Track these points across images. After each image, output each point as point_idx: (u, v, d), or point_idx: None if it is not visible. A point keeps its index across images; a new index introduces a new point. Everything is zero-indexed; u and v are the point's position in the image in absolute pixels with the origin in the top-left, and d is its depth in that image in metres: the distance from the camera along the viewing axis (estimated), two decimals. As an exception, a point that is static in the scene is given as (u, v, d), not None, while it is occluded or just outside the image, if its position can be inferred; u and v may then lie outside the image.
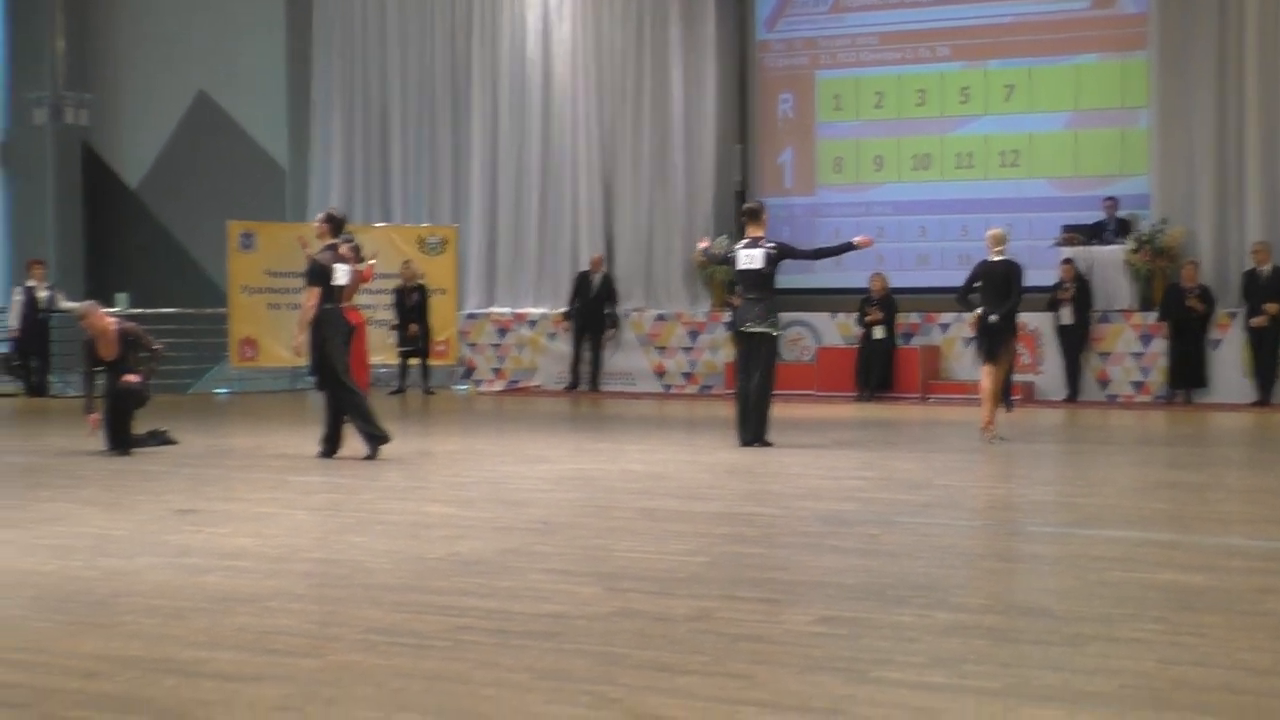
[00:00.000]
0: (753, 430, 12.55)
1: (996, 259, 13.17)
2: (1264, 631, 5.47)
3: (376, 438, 11.51)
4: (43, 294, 20.42)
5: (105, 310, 12.68)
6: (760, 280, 12.56)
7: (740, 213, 14.19)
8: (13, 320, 20.38)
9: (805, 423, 15.19)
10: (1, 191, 24.75)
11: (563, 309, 20.97)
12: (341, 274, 11.72)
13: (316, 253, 11.77)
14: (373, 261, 14.47)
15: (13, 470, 11.46)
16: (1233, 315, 17.70)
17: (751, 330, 12.54)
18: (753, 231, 12.79)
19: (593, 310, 20.67)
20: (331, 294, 11.61)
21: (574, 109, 21.73)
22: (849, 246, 13.13)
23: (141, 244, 24.04)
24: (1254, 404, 17.27)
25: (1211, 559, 7.13)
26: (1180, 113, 18.51)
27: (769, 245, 12.66)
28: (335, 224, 11.93)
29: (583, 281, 20.84)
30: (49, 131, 23.73)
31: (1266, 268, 17.57)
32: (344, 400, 11.61)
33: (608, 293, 20.78)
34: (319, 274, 11.57)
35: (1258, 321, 17.42)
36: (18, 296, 20.54)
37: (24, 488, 10.12)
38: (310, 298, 11.57)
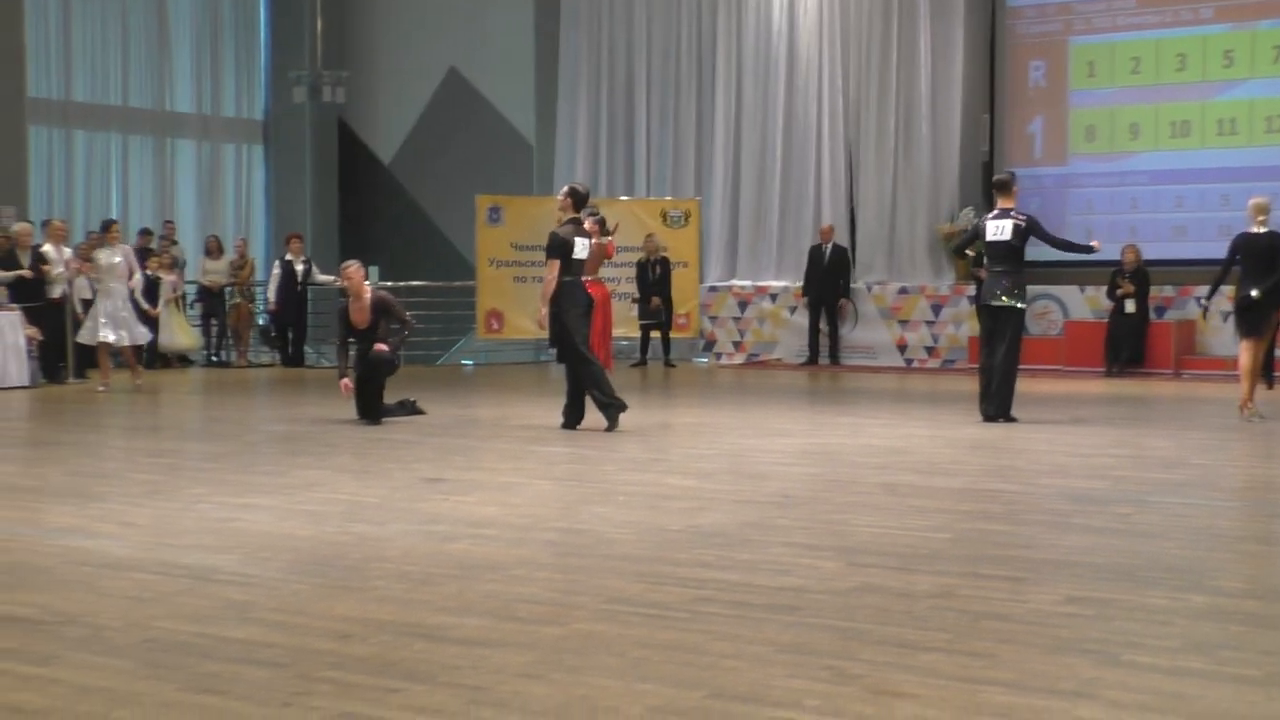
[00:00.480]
0: (996, 405, 12.32)
1: (1259, 230, 12.64)
2: None
3: (613, 406, 11.62)
4: (300, 267, 21.12)
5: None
6: (1009, 252, 12.31)
7: (991, 184, 13.91)
8: (271, 293, 21.15)
9: (1051, 398, 14.83)
10: (263, 168, 25.70)
11: (800, 283, 20.85)
12: (581, 248, 11.83)
13: (558, 226, 11.91)
14: (611, 238, 14.57)
15: (271, 438, 11.89)
16: None
17: (998, 304, 12.30)
18: (1003, 203, 12.53)
19: (826, 283, 20.49)
20: (571, 267, 11.74)
21: (818, 80, 21.56)
22: (1090, 249, 12.75)
23: (394, 218, 24.71)
24: None
25: None
26: None
27: (1019, 218, 12.39)
28: (578, 199, 12.05)
29: (815, 254, 20.68)
30: (308, 109, 24.53)
31: None
32: (580, 371, 11.74)
33: (841, 264, 20.57)
34: (559, 247, 11.71)
35: None
36: (276, 270, 21.29)
37: (281, 455, 10.49)
38: (551, 270, 11.73)
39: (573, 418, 11.89)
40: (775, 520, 7.39)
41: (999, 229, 12.35)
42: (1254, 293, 12.49)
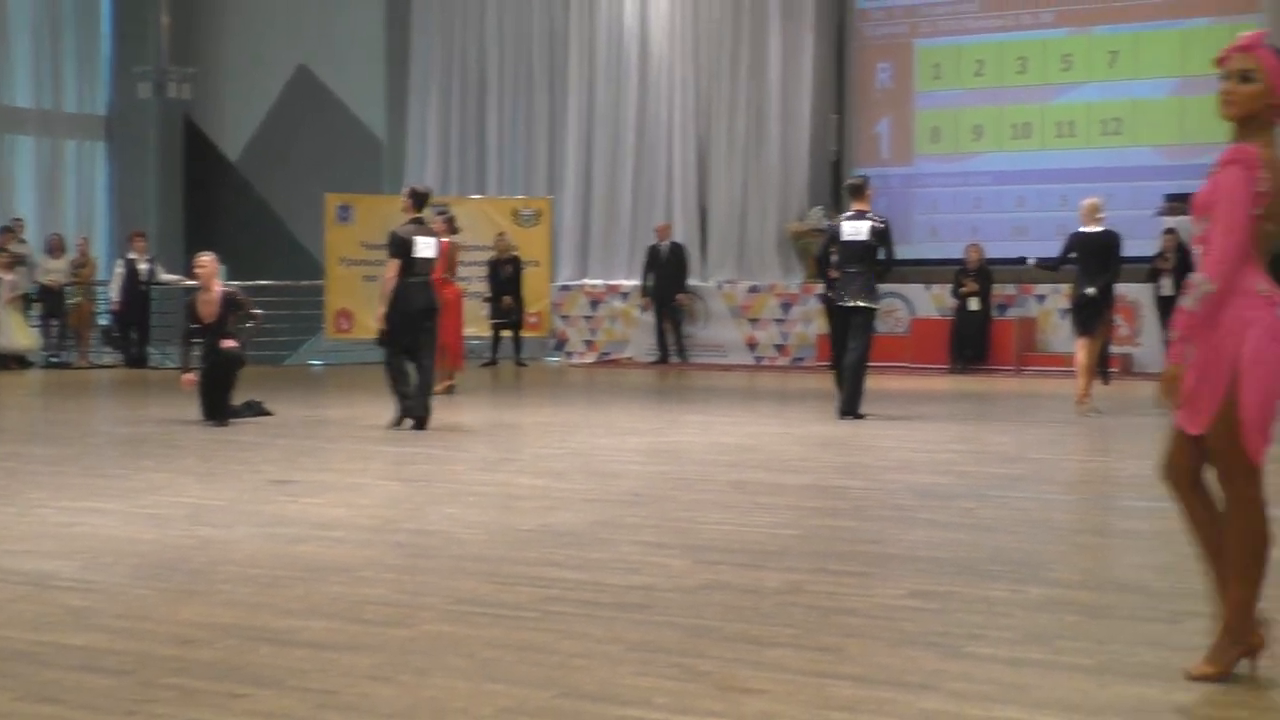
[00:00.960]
0: (846, 403, 12.48)
1: (1093, 229, 12.99)
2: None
3: (409, 409, 11.57)
4: (143, 266, 20.68)
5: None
6: (864, 252, 12.45)
7: (844, 188, 14.10)
8: (114, 292, 20.69)
9: (898, 395, 15.08)
10: (105, 165, 25.12)
11: (639, 283, 20.91)
12: (424, 246, 11.77)
13: (399, 225, 11.84)
14: (453, 238, 14.47)
15: (113, 440, 11.66)
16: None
17: (852, 305, 12.42)
18: (857, 206, 12.69)
19: (666, 281, 20.56)
20: (414, 266, 11.68)
21: (670, 79, 21.67)
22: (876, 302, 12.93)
23: (241, 217, 24.32)
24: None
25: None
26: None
27: (878, 220, 12.56)
28: (418, 198, 12.01)
29: (653, 253, 20.76)
30: (153, 105, 24.03)
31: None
32: (388, 367, 11.72)
33: (679, 261, 20.66)
34: (398, 246, 11.66)
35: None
36: (119, 269, 20.83)
37: (124, 457, 10.28)
38: (390, 270, 11.67)
39: (419, 417, 11.81)
40: (625, 519, 7.42)
41: (855, 230, 12.49)
42: (1090, 291, 12.82)
